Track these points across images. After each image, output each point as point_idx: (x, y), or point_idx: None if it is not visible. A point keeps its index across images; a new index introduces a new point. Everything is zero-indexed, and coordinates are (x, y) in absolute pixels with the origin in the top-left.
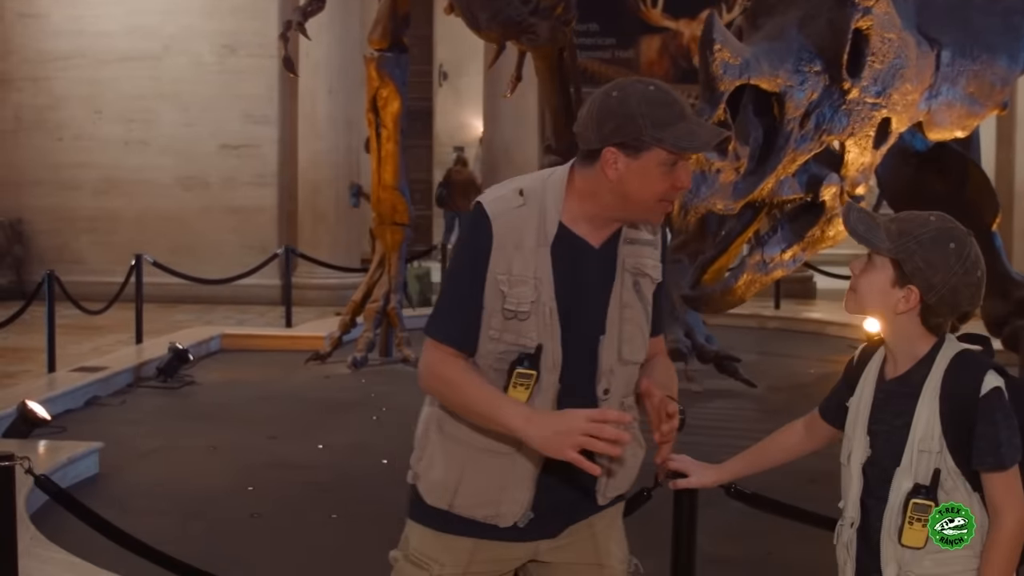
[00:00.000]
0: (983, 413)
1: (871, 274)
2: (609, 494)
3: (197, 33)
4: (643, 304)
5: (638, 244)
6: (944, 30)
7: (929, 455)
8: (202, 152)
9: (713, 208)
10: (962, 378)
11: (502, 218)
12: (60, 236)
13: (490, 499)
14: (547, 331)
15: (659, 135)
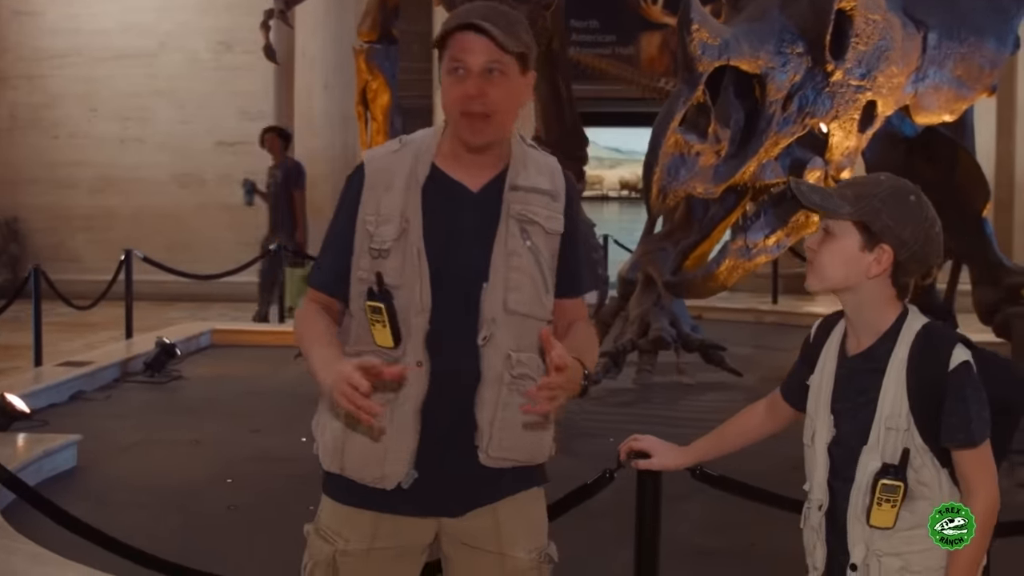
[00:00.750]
0: (953, 388)
1: (832, 244)
2: (494, 453)
3: (193, 30)
4: (534, 255)
5: (527, 191)
6: (931, 12)
7: (897, 432)
8: (198, 149)
9: (693, 191)
10: (930, 352)
11: (376, 162)
12: (56, 234)
13: (375, 457)
14: (413, 271)
15: (439, 35)
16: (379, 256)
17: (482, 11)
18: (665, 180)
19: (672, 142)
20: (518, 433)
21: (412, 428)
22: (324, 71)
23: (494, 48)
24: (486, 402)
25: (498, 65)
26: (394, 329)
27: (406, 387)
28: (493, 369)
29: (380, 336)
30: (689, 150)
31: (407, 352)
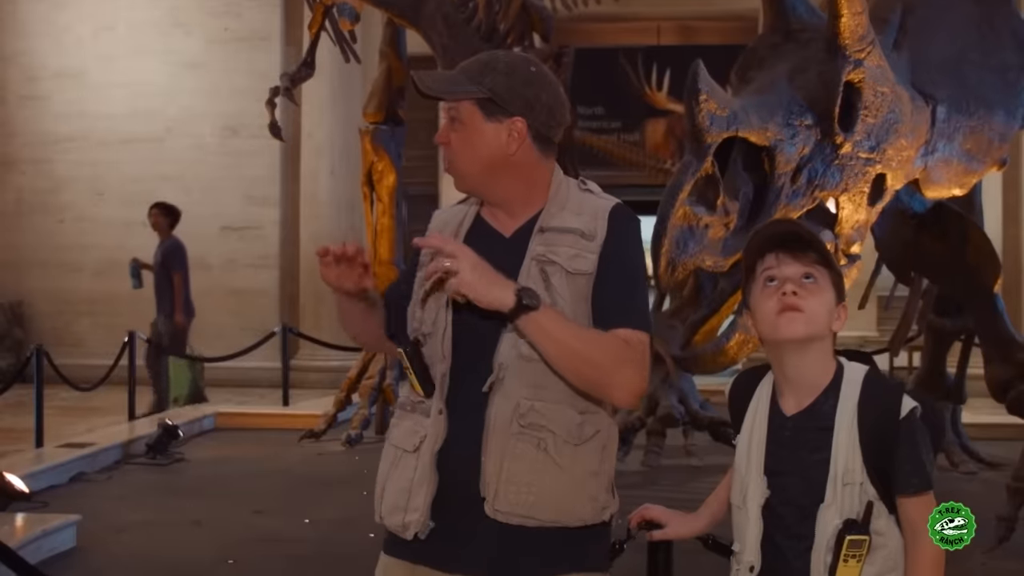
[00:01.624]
0: (905, 436)
1: (818, 293)
2: (501, 508)
3: (199, 115)
4: (552, 295)
5: (556, 232)
6: (939, 85)
7: (853, 487)
8: (204, 234)
9: (702, 265)
10: (879, 402)
11: (440, 215)
12: (61, 318)
13: (400, 504)
14: (440, 319)
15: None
16: (419, 305)
17: (457, 64)
18: (674, 252)
19: (681, 214)
20: (531, 488)
21: (430, 477)
22: (330, 156)
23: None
24: (491, 452)
25: (454, 112)
26: (421, 378)
27: (428, 434)
28: (500, 417)
29: (412, 384)
30: (698, 222)
31: (433, 399)
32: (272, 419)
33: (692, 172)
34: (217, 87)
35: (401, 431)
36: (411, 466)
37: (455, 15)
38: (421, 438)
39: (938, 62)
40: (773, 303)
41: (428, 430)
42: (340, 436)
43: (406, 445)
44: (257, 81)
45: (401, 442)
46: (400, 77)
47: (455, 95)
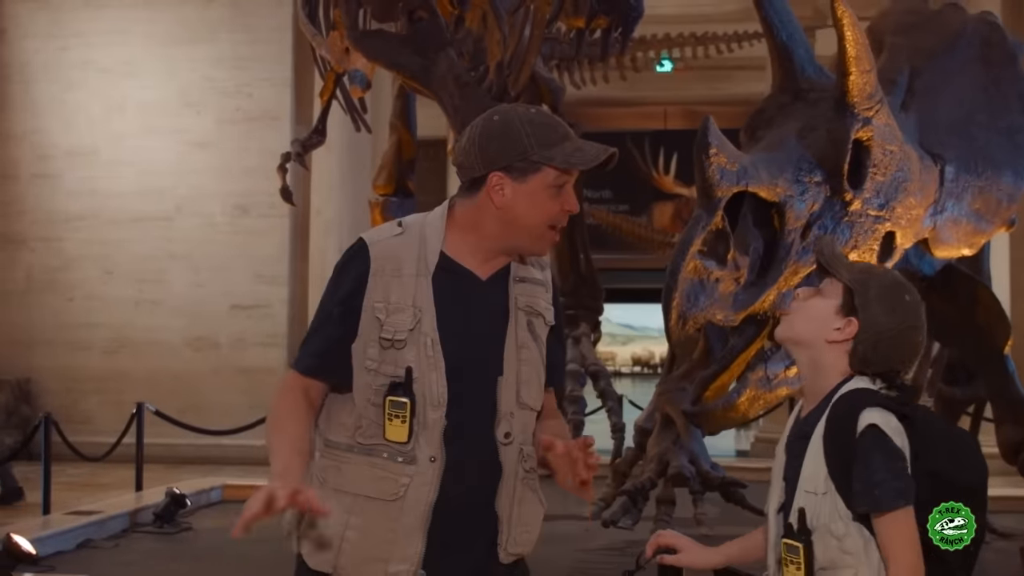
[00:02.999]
0: (859, 453)
1: (817, 300)
2: (511, 549)
3: (209, 194)
4: (538, 346)
5: (530, 283)
6: (947, 146)
7: (815, 496)
8: (213, 312)
9: (713, 319)
10: (842, 415)
11: (379, 245)
12: (69, 395)
13: (378, 555)
14: (428, 362)
15: (548, 154)
16: (391, 347)
17: (593, 152)
18: (685, 306)
19: (691, 267)
20: (528, 527)
21: (421, 526)
22: (339, 233)
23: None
24: (504, 498)
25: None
26: (410, 426)
27: (415, 485)
28: (510, 464)
29: (395, 431)
30: (708, 276)
31: (420, 447)
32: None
33: (703, 226)
34: (227, 166)
35: (359, 477)
36: (390, 515)
37: (466, 76)
38: (403, 486)
39: (946, 123)
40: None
41: (415, 478)
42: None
43: (378, 493)
44: (267, 160)
45: (365, 489)
46: (410, 150)
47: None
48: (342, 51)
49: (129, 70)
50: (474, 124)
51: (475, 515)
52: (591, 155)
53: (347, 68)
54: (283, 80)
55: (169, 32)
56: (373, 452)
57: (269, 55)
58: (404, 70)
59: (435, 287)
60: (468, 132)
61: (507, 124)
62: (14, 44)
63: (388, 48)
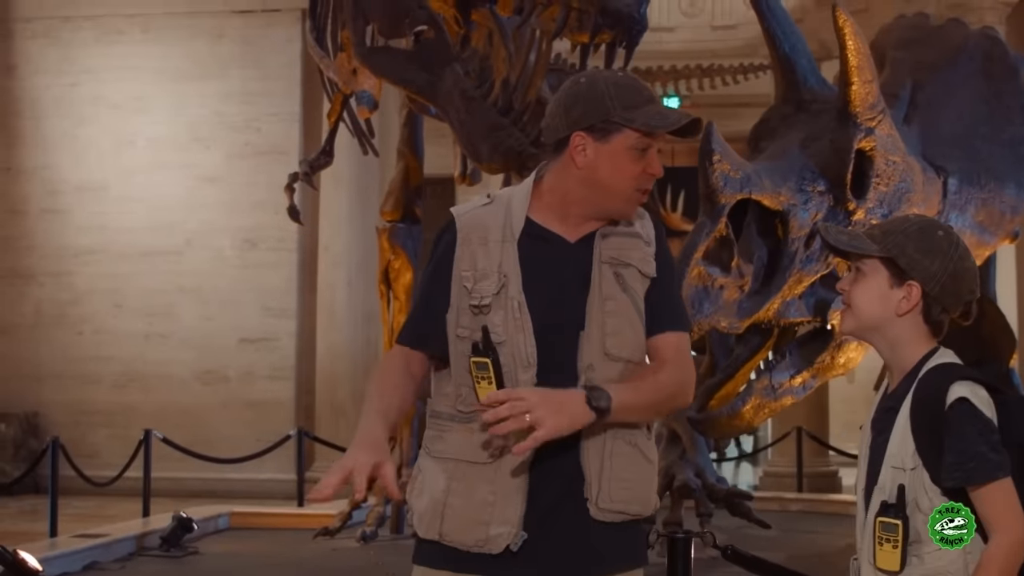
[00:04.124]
0: (949, 425)
1: (864, 283)
2: (604, 506)
3: (218, 228)
4: (630, 296)
5: (618, 236)
6: (950, 158)
7: (903, 472)
8: (222, 346)
9: (717, 326)
10: (930, 389)
11: (467, 216)
12: (77, 429)
13: (479, 518)
14: (515, 324)
15: (629, 116)
16: (479, 312)
17: (676, 117)
18: (689, 312)
19: (695, 274)
20: (628, 483)
21: (520, 488)
22: (347, 268)
23: None
24: (591, 453)
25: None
26: (500, 386)
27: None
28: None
29: (485, 393)
30: (712, 283)
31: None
32: (286, 519)
33: (706, 233)
34: (236, 200)
35: (459, 444)
36: (488, 478)
37: (472, 91)
38: (499, 447)
39: (948, 136)
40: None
41: (509, 439)
42: (355, 534)
43: (476, 457)
44: (276, 194)
45: (465, 455)
46: (417, 176)
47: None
48: (349, 72)
49: (140, 106)
50: (562, 88)
51: (564, 472)
52: (672, 119)
53: (354, 89)
54: (292, 115)
55: (179, 68)
56: (472, 419)
57: (278, 90)
58: (411, 85)
59: (521, 252)
60: (556, 95)
61: (592, 86)
62: (25, 80)
63: (395, 64)
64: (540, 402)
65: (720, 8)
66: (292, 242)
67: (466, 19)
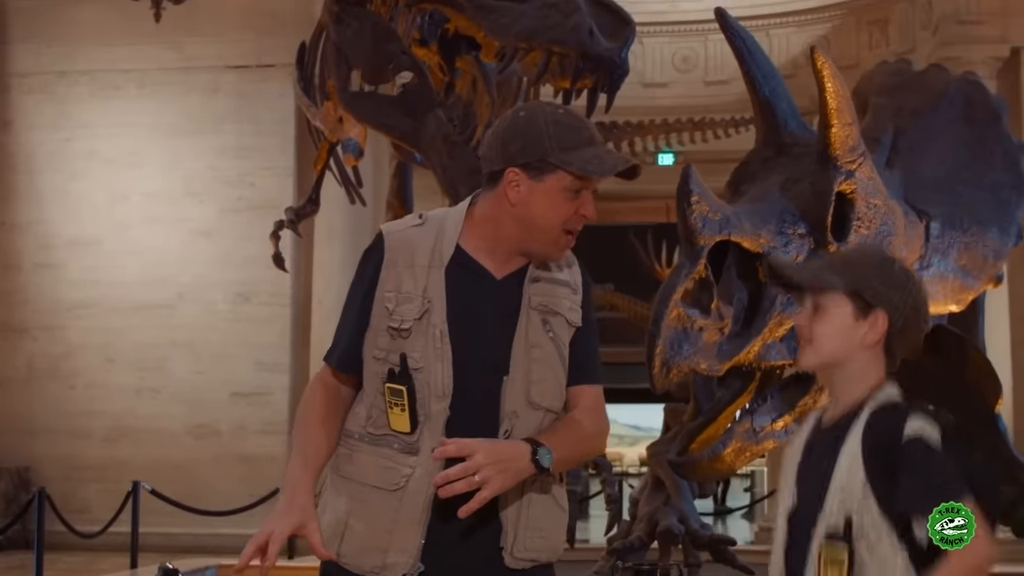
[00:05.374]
0: (907, 459)
1: (826, 317)
2: (519, 554)
3: (211, 282)
4: (556, 345)
5: (547, 282)
6: (932, 202)
7: (851, 500)
8: (214, 400)
9: (697, 368)
10: (885, 421)
11: (396, 235)
12: (68, 483)
13: (377, 544)
14: (435, 353)
15: (566, 158)
16: (398, 336)
17: (613, 162)
18: (668, 354)
19: (675, 315)
20: (542, 532)
21: (422, 519)
22: None
23: None
24: (509, 501)
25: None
26: (412, 413)
27: (417, 476)
28: None
29: (397, 420)
30: (692, 325)
31: (424, 438)
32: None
33: (685, 274)
34: (229, 255)
35: (366, 466)
36: (390, 505)
37: (454, 136)
38: (404, 476)
39: (931, 180)
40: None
41: (416, 469)
42: None
43: (381, 483)
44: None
45: (370, 478)
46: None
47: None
48: (335, 121)
49: (134, 160)
50: (501, 118)
51: (478, 515)
52: (609, 164)
53: (340, 137)
54: (286, 169)
55: (174, 123)
56: (381, 442)
57: (272, 145)
58: (394, 131)
59: (448, 280)
60: (495, 125)
61: (531, 122)
62: (20, 135)
63: (378, 110)
64: (487, 461)
65: (713, 64)
66: (285, 296)
67: (450, 66)
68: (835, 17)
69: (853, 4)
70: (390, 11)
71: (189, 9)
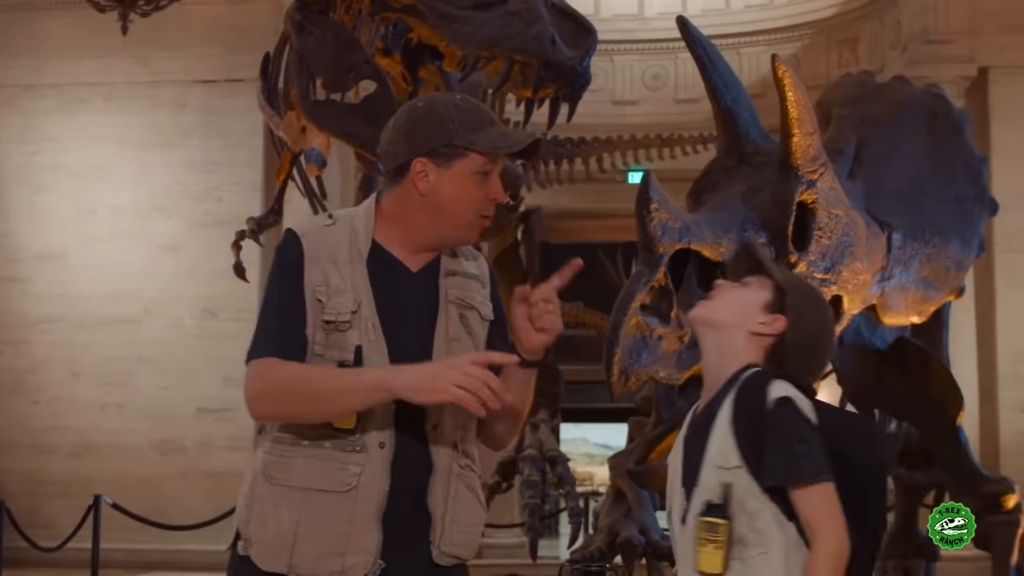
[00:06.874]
0: (771, 424)
1: (742, 290)
2: (445, 549)
3: (177, 297)
4: (473, 340)
5: (461, 276)
6: (894, 214)
7: (726, 471)
8: (179, 415)
9: (656, 376)
10: (750, 392)
11: (312, 235)
12: (32, 499)
13: (334, 548)
14: (372, 346)
15: (472, 139)
16: (335, 329)
17: (518, 137)
18: (627, 362)
19: (633, 323)
20: (465, 528)
21: (377, 515)
22: None
23: None
24: (438, 494)
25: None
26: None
27: (368, 473)
28: (442, 459)
29: (346, 417)
30: (651, 333)
31: (368, 433)
32: None
33: (644, 282)
34: (196, 269)
35: (308, 471)
36: (344, 507)
37: None
38: (355, 475)
39: (893, 191)
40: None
41: (366, 467)
42: None
43: (330, 485)
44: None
45: (316, 483)
46: None
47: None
48: (298, 131)
49: (101, 174)
50: (399, 112)
51: (417, 509)
52: (516, 140)
53: (303, 147)
54: (253, 184)
55: (142, 137)
56: (321, 443)
57: (240, 159)
58: (355, 139)
59: (369, 274)
60: (393, 120)
61: (432, 110)
62: None
63: (339, 118)
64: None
65: (683, 82)
66: (252, 312)
67: (414, 76)
68: (805, 36)
69: (823, 23)
70: (353, 20)
71: (157, 23)
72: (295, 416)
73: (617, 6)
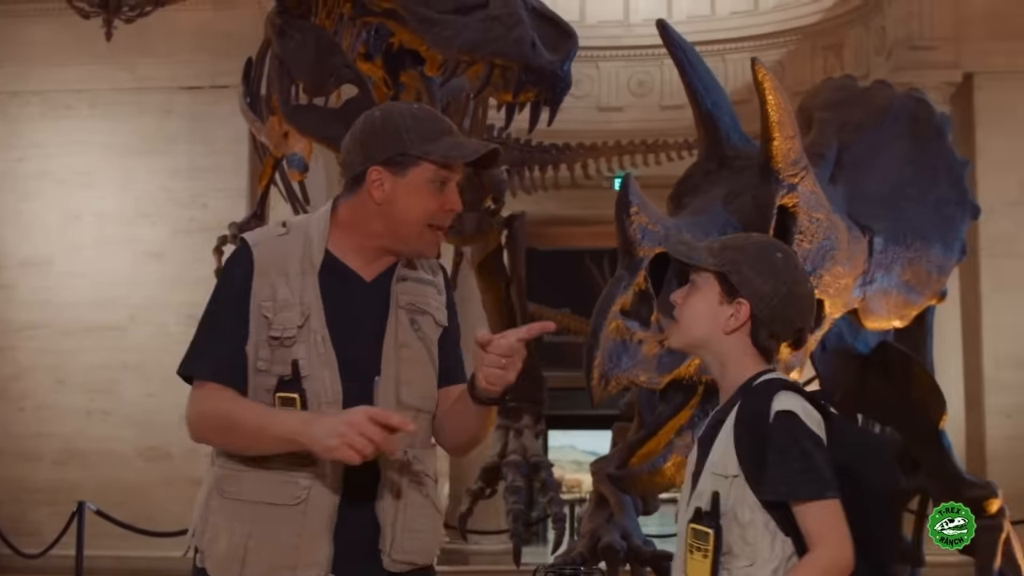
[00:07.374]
0: (774, 437)
1: (694, 297)
2: (397, 557)
3: (162, 304)
4: (425, 345)
5: (414, 282)
6: (876, 218)
7: (723, 479)
8: (165, 423)
9: (636, 380)
10: (754, 401)
11: (263, 245)
12: (17, 506)
13: (284, 562)
14: (320, 359)
15: (426, 148)
16: (280, 345)
17: (473, 147)
18: (607, 366)
19: (613, 327)
20: (418, 534)
21: (327, 528)
22: None
23: None
24: (387, 501)
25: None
26: None
27: (318, 487)
28: (391, 467)
29: None
30: (632, 337)
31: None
32: None
33: (624, 286)
34: (181, 276)
35: (258, 485)
36: (294, 520)
37: None
38: (304, 488)
39: (875, 196)
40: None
41: (315, 480)
42: None
43: (279, 499)
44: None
45: (266, 496)
46: None
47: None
48: (280, 136)
49: (86, 181)
50: (357, 121)
51: (368, 520)
52: (470, 150)
53: (285, 152)
54: (239, 191)
55: (127, 143)
56: (271, 458)
57: (225, 166)
58: (336, 144)
59: (321, 285)
60: (351, 129)
61: (388, 119)
62: None
63: (320, 122)
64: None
65: (669, 88)
66: None
67: (395, 81)
68: (790, 43)
69: (808, 30)
70: (335, 25)
71: (142, 30)
72: (223, 447)
73: (602, 12)
